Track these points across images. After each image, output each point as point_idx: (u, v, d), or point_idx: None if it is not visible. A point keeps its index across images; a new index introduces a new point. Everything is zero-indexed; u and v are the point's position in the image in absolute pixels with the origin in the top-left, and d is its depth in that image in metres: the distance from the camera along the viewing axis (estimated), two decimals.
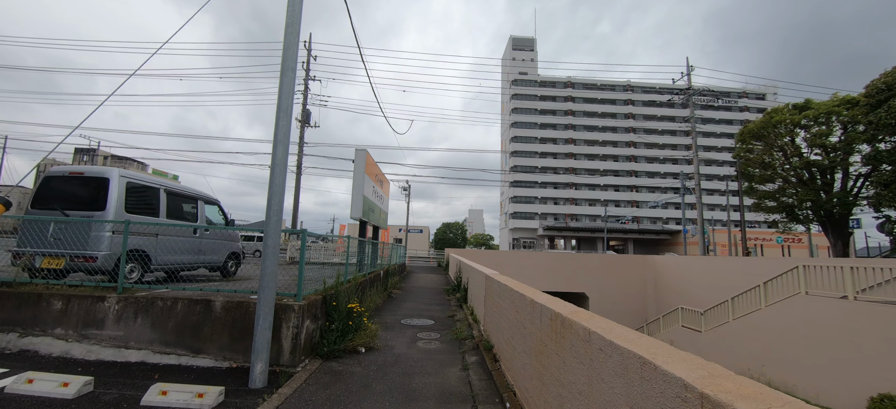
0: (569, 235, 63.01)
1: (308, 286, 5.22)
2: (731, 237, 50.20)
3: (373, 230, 13.32)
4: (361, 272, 8.92)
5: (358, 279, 8.03)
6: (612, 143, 68.16)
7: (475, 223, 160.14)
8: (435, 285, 14.45)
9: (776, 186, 19.15)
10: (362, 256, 9.81)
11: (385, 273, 11.91)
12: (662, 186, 67.89)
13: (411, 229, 59.50)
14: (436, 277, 18.51)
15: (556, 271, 22.79)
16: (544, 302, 2.99)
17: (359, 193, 10.04)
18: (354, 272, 8.62)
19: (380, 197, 12.82)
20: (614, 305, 22.13)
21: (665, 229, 62.62)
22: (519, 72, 69.73)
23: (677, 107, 70.13)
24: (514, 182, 65.66)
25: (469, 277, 9.15)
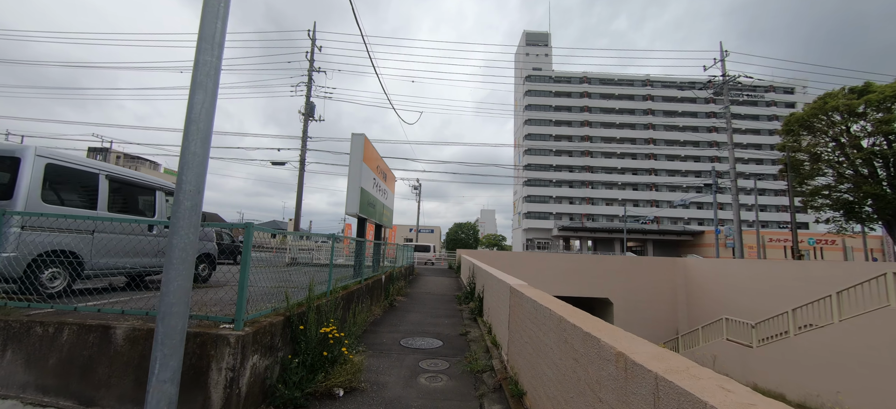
0: (585, 235, 60.75)
1: (261, 304, 3.76)
2: (760, 238, 47.46)
3: (375, 229, 11.89)
4: (356, 279, 7.46)
5: (350, 288, 6.56)
6: (631, 140, 65.57)
7: (487, 224, 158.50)
8: (445, 291, 12.92)
9: (829, 181, 17.03)
10: (360, 259, 8.36)
11: (387, 278, 10.45)
12: (683, 185, 65.05)
13: (422, 228, 58.20)
14: (446, 280, 16.99)
15: (576, 273, 21.01)
16: (621, 346, 1.45)
17: (355, 185, 8.59)
18: (347, 279, 7.16)
19: (383, 192, 11.37)
20: (641, 313, 20.26)
21: (687, 230, 59.86)
22: (532, 67, 67.73)
23: (699, 102, 67.19)
24: (528, 181, 63.69)
25: (485, 284, 7.59)
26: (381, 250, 10.69)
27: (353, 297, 6.49)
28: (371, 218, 9.77)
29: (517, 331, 4.09)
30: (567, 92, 66.31)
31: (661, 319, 20.30)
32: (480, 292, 8.08)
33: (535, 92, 66.19)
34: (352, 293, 6.42)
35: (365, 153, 8.92)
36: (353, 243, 9.76)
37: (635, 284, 20.71)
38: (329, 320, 4.18)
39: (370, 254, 10.37)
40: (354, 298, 6.60)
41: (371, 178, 9.65)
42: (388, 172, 12.43)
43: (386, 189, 11.83)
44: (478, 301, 8.13)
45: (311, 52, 22.66)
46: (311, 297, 4.18)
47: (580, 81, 66.76)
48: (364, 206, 8.97)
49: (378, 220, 10.64)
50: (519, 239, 67.65)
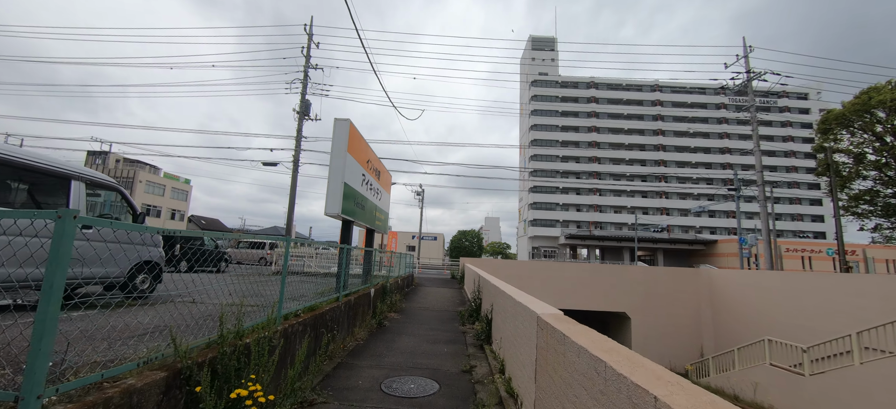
0: (593, 244, 58.89)
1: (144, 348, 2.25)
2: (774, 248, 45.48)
3: (367, 234, 10.41)
4: (334, 296, 5.95)
5: (320, 309, 5.05)
6: (639, 146, 63.91)
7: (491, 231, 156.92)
8: (446, 305, 11.36)
9: (869, 185, 15.36)
10: (343, 270, 6.88)
11: (378, 292, 8.92)
12: (694, 193, 63.12)
13: (425, 236, 56.70)
14: (448, 292, 15.42)
15: (589, 285, 19.34)
16: None
17: (337, 179, 7.12)
18: (322, 295, 5.66)
19: (375, 192, 9.91)
20: (662, 328, 18.52)
21: (698, 239, 57.78)
22: (538, 72, 66.53)
23: (710, 107, 65.49)
24: (534, 188, 62.10)
25: (494, 303, 6.05)
26: (372, 259, 9.20)
27: (323, 321, 4.97)
28: (359, 220, 8.29)
29: (550, 387, 2.57)
30: (574, 97, 64.93)
31: (683, 336, 18.53)
32: (488, 311, 6.53)
33: (541, 97, 64.88)
34: (321, 316, 4.90)
35: (351, 143, 7.47)
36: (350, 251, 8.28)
37: (655, 297, 19.00)
38: (251, 376, 2.64)
39: (370, 263, 8.87)
40: (325, 322, 5.09)
41: (359, 173, 8.18)
42: (383, 171, 10.98)
43: (379, 189, 10.37)
44: (485, 323, 6.58)
45: (308, 48, 21.43)
46: (222, 336, 2.67)
47: (587, 86, 65.37)
48: (349, 205, 7.50)
49: (368, 223, 9.16)
50: (524, 247, 65.85)
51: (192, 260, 10.42)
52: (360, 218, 8.37)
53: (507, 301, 4.60)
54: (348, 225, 7.93)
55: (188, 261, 13.16)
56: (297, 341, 4.09)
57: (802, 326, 12.73)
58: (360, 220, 8.38)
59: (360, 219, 8.31)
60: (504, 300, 4.82)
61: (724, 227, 62.44)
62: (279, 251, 18.97)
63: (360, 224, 8.72)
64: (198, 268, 5.88)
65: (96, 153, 52.34)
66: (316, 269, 15.64)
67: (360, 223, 8.58)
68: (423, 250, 51.65)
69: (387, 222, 11.87)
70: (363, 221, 8.61)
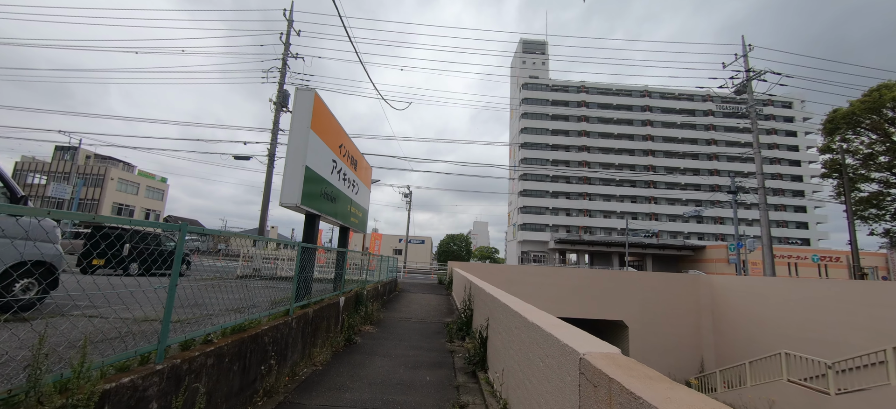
0: (582, 249, 58.24)
1: None
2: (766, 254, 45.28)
3: (340, 232, 9.02)
4: (281, 310, 4.56)
5: (252, 330, 3.68)
6: (629, 151, 63.79)
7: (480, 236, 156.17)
8: (431, 315, 10.01)
9: (876, 188, 14.67)
10: (305, 275, 5.52)
11: (351, 301, 7.53)
12: (683, 199, 63.20)
13: (412, 239, 55.23)
14: (435, 299, 14.06)
15: (584, 291, 18.24)
16: None
17: (297, 161, 5.76)
18: (256, 313, 4.28)
19: (351, 184, 8.54)
20: (661, 338, 17.51)
21: (687, 245, 57.66)
22: (529, 76, 66.00)
23: (698, 114, 65.84)
24: (524, 191, 61.27)
25: (491, 318, 4.75)
26: (343, 262, 7.80)
27: (257, 347, 3.58)
28: (327, 215, 6.92)
29: None
30: (564, 101, 64.52)
31: (682, 345, 17.55)
32: (482, 327, 5.22)
33: (531, 100, 64.28)
34: (253, 340, 3.52)
35: (316, 120, 6.11)
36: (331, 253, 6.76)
37: (652, 303, 18.00)
38: None
39: (342, 266, 7.45)
40: (262, 347, 3.70)
41: (328, 158, 6.82)
42: (361, 161, 9.61)
43: (356, 181, 9.00)
44: (478, 342, 5.26)
45: (288, 35, 19.97)
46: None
47: (578, 90, 65.08)
48: (313, 195, 6.13)
49: (340, 219, 7.78)
50: (514, 252, 64.90)
51: (148, 261, 8.88)
52: (330, 212, 7.00)
53: (512, 319, 3.30)
54: (312, 220, 6.55)
55: (140, 262, 11.53)
56: (201, 380, 2.71)
57: (818, 338, 11.79)
58: (329, 214, 7.00)
59: (328, 213, 6.93)
60: (509, 318, 3.51)
61: (712, 232, 62.64)
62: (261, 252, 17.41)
63: (329, 220, 7.34)
64: (154, 271, 4.57)
65: (65, 148, 49.44)
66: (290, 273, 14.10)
67: (329, 218, 7.20)
68: (410, 253, 50.13)
69: (365, 219, 10.50)
70: (333, 216, 7.23)
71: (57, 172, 46.88)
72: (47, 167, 47.68)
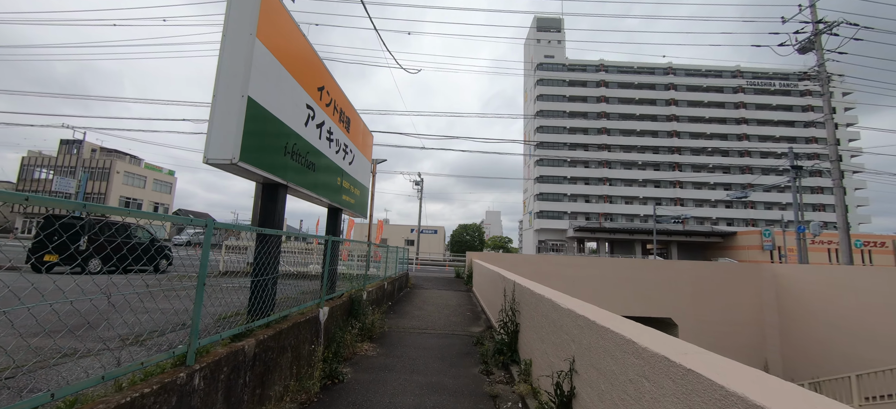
0: (602, 236, 55.32)
1: None
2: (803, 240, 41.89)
3: (329, 215, 6.76)
4: (176, 353, 2.31)
5: None
6: (652, 133, 60.13)
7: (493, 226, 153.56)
8: (452, 324, 7.73)
9: None
10: (264, 278, 3.29)
11: (338, 312, 5.29)
12: (710, 182, 59.47)
13: (424, 229, 53.14)
14: (454, 298, 11.80)
15: (627, 285, 15.77)
16: None
17: (233, 90, 3.48)
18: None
19: (342, 149, 6.25)
20: (716, 338, 14.96)
21: (715, 231, 54.20)
22: (544, 55, 62.56)
23: (727, 91, 61.62)
24: (541, 177, 58.41)
25: (582, 357, 2.39)
26: (334, 257, 5.56)
27: None
28: (300, 186, 4.64)
29: None
30: (582, 81, 61.02)
31: (742, 347, 14.99)
32: (561, 374, 2.90)
33: (547, 81, 60.97)
34: None
35: (266, 25, 3.79)
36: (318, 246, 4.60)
37: (705, 298, 15.45)
38: None
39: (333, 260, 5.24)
40: None
41: (298, 100, 4.50)
42: (356, 120, 7.28)
43: (349, 146, 6.71)
44: (557, 397, 2.94)
45: None
46: None
47: (596, 70, 61.45)
48: (267, 150, 3.84)
49: (326, 195, 5.51)
50: (530, 240, 62.33)
51: (114, 256, 6.81)
52: (305, 184, 4.72)
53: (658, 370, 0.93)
54: (273, 192, 4.28)
55: (103, 258, 9.55)
56: None
57: None
58: (305, 187, 4.73)
59: (303, 185, 4.65)
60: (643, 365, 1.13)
61: (742, 217, 58.85)
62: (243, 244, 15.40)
63: (306, 195, 5.07)
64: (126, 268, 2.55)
65: (70, 142, 48.55)
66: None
67: (306, 192, 4.93)
68: (422, 244, 48.10)
69: (366, 201, 8.23)
70: (312, 189, 4.95)
71: (63, 166, 46.06)
72: (53, 162, 46.90)
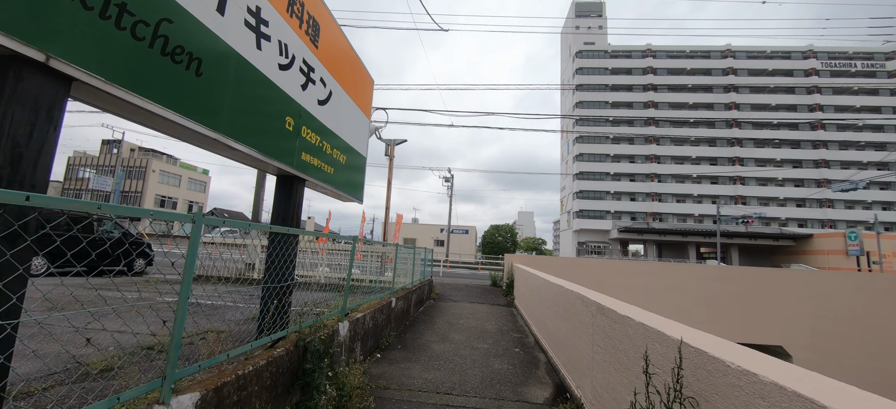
0: (651, 238, 50.09)
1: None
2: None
3: (278, 186, 3.99)
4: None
5: None
6: (707, 123, 54.07)
7: (525, 227, 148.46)
8: (495, 384, 4.77)
9: None
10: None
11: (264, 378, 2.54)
12: (778, 178, 52.55)
13: (455, 229, 50.33)
14: (490, 316, 8.86)
15: (711, 299, 12.15)
16: None
17: None
18: None
19: (302, 71, 3.50)
20: (849, 374, 11.02)
21: (785, 233, 47.55)
22: (584, 42, 58.05)
23: (797, 74, 54.30)
24: (580, 174, 54.01)
25: None
26: (286, 264, 2.86)
27: None
28: (185, 113, 1.89)
29: None
30: (626, 69, 55.95)
31: (887, 388, 10.96)
32: None
33: (587, 70, 56.44)
34: None
35: None
36: None
37: (829, 319, 11.53)
38: None
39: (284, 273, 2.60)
40: None
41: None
42: (331, 28, 4.48)
43: (314, 68, 3.93)
44: None
45: None
46: None
47: (642, 55, 56.15)
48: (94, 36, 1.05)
49: (257, 144, 2.78)
50: (568, 242, 57.96)
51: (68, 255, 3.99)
52: (242, 133, 1.98)
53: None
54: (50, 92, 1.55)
55: (50, 256, 7.44)
56: None
57: None
58: (196, 117, 2.00)
59: (199, 117, 1.92)
60: None
61: (817, 218, 51.50)
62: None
63: (205, 137, 2.33)
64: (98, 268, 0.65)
65: (110, 142, 50.30)
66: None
67: (203, 132, 2.19)
68: (452, 244, 45.28)
69: (359, 175, 5.49)
70: (254, 146, 2.22)
71: (103, 165, 47.47)
72: (95, 161, 48.48)
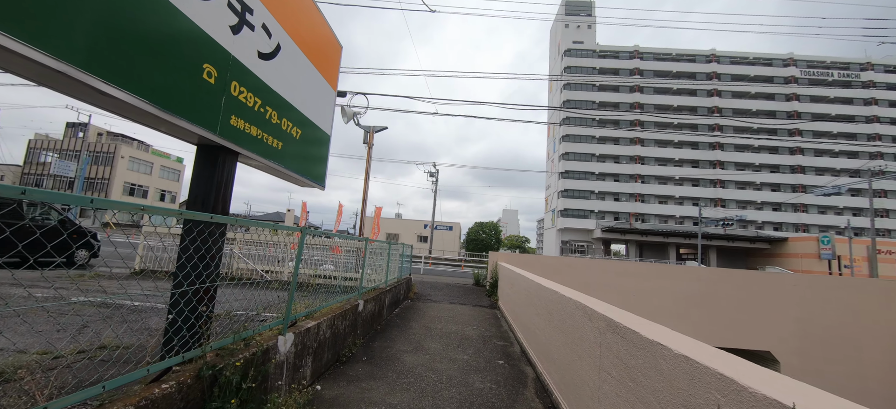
0: (633, 238, 50.52)
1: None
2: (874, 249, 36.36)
3: (201, 160, 3.10)
4: None
5: None
6: (691, 126, 54.79)
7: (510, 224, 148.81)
8: (473, 403, 4.07)
9: None
10: None
11: None
12: (756, 182, 53.74)
13: (439, 225, 49.56)
14: (472, 320, 8.16)
15: (700, 301, 11.78)
16: None
17: None
18: None
19: (234, 7, 2.65)
20: (834, 380, 10.83)
21: (761, 236, 48.66)
22: (573, 41, 57.91)
23: (777, 82, 55.53)
24: (566, 173, 53.98)
25: None
26: (209, 260, 2.05)
27: None
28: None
29: None
30: (614, 69, 56.11)
31: (870, 393, 10.81)
32: None
33: (575, 69, 56.35)
34: None
35: None
36: None
37: (816, 324, 11.30)
38: None
39: None
40: None
41: None
42: (309, 8, 3.65)
43: (287, 46, 3.10)
44: None
45: None
46: None
47: (630, 56, 56.41)
48: None
49: (184, 115, 1.94)
50: (552, 240, 58.01)
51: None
52: (40, 35, 1.13)
53: None
54: None
55: None
56: None
57: None
58: (14, 30, 1.16)
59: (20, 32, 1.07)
60: None
61: (791, 222, 52.91)
62: None
63: (18, 48, 1.49)
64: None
65: (75, 125, 47.29)
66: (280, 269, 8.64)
67: (12, 40, 1.35)
68: (436, 240, 44.52)
69: (320, 150, 4.65)
70: (95, 68, 1.39)
71: (68, 149, 44.67)
72: (58, 145, 45.60)
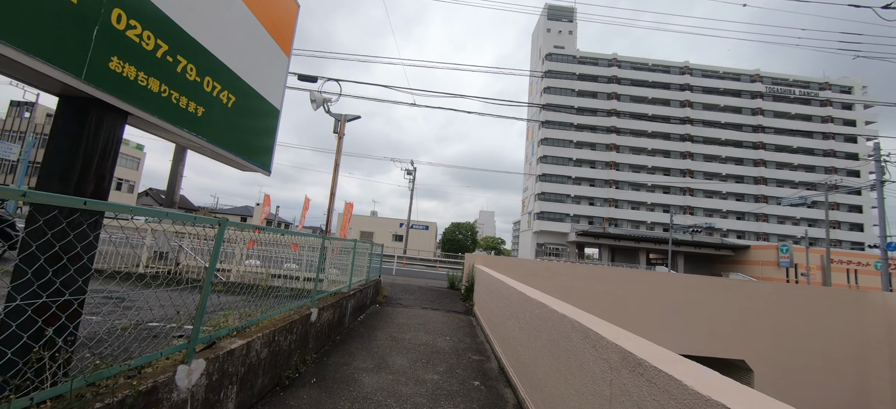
0: (606, 243, 51.39)
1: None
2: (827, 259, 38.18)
3: (66, 114, 2.28)
4: None
5: None
6: (664, 135, 56.33)
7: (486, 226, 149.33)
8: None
9: None
10: None
11: None
12: (722, 191, 55.86)
13: (415, 224, 48.70)
14: (445, 328, 7.49)
15: (678, 309, 11.60)
16: None
17: None
18: None
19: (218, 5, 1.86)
20: (803, 390, 10.88)
21: (726, 244, 50.53)
22: (554, 46, 58.39)
23: (745, 96, 57.93)
24: (543, 176, 54.30)
25: None
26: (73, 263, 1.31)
27: None
28: None
29: None
30: (593, 75, 56.97)
31: (839, 403, 10.91)
32: None
33: (555, 73, 56.82)
34: None
35: None
36: None
37: (789, 334, 11.33)
38: None
39: None
40: None
41: None
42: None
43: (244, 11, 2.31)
44: None
45: None
46: None
47: (608, 64, 57.45)
48: None
49: (23, 46, 1.20)
50: (528, 243, 58.27)
51: None
52: None
53: None
54: None
55: None
56: None
57: None
58: None
59: None
60: None
61: (753, 231, 55.32)
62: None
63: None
64: None
65: (21, 104, 43.32)
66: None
67: None
68: (411, 240, 43.68)
69: (263, 128, 3.88)
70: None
71: (11, 130, 40.90)
72: (1, 125, 41.70)
